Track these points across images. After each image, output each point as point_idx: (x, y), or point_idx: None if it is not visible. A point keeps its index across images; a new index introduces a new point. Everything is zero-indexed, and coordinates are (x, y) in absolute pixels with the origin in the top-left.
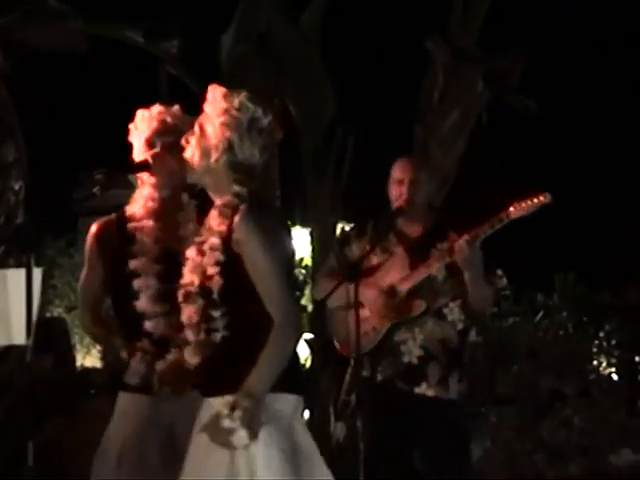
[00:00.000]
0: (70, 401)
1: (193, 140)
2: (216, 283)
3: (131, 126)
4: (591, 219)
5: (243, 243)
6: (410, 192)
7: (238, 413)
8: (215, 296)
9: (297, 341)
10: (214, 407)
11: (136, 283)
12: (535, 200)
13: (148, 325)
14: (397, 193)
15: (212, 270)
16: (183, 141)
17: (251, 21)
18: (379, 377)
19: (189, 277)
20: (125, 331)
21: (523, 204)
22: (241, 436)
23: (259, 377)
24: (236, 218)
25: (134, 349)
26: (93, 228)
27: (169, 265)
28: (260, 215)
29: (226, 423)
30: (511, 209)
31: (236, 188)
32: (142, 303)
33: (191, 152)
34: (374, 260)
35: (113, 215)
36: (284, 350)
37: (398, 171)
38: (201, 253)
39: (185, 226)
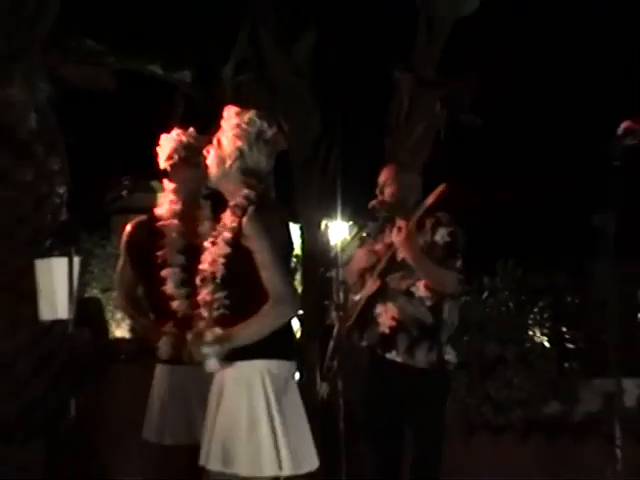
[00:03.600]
0: (103, 365)
1: (212, 151)
2: (219, 270)
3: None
4: (528, 215)
5: (250, 238)
6: None
7: (216, 348)
8: (218, 281)
9: (286, 317)
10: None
11: (164, 271)
12: (437, 191)
13: (174, 306)
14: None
15: (219, 259)
16: (205, 152)
17: (247, 56)
18: (364, 343)
19: (205, 265)
20: (155, 311)
21: (431, 196)
22: (211, 363)
23: (241, 333)
24: (244, 218)
25: (162, 333)
26: (128, 227)
27: (190, 256)
28: (262, 216)
29: (204, 350)
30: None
31: (245, 191)
32: (169, 288)
33: (210, 161)
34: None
35: (145, 216)
36: (270, 321)
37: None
38: (215, 245)
39: (202, 224)
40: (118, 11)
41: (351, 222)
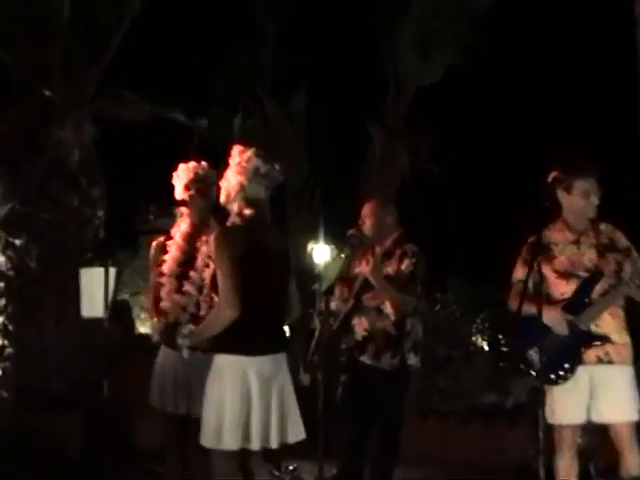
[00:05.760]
0: (131, 353)
1: (224, 183)
2: (205, 278)
3: (175, 174)
4: (475, 242)
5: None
6: None
7: (185, 340)
8: (203, 286)
9: (225, 319)
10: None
11: (162, 279)
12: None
13: (162, 305)
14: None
15: (206, 270)
16: (221, 183)
17: (252, 108)
18: (344, 346)
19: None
20: (155, 310)
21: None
22: (185, 352)
23: (199, 331)
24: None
25: (155, 315)
26: (153, 244)
27: (187, 267)
28: (224, 236)
29: (179, 341)
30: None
31: (233, 218)
32: (163, 293)
33: (222, 191)
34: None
35: (163, 237)
36: (214, 323)
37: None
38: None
39: (203, 243)
40: (151, 70)
41: (332, 245)
